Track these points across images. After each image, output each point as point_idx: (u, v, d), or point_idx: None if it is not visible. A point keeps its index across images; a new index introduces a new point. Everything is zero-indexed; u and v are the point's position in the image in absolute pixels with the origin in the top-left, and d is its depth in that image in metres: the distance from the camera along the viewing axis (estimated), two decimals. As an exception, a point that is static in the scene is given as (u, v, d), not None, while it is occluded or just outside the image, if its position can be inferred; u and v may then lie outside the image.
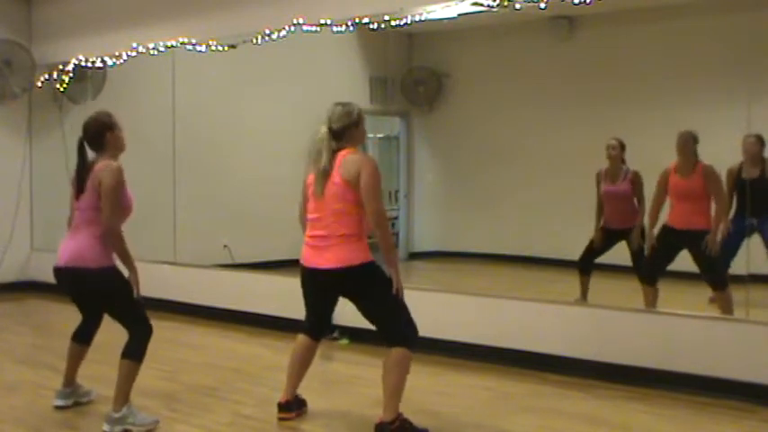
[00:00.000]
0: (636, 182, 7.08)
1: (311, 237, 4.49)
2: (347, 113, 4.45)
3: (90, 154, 4.64)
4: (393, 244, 4.56)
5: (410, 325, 4.47)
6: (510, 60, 10.25)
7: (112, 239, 4.48)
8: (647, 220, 6.76)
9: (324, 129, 4.43)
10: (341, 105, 4.47)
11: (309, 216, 4.51)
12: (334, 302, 4.67)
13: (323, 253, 4.41)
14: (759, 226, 6.73)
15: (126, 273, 4.60)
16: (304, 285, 4.62)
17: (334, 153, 4.41)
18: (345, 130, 4.43)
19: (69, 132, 9.24)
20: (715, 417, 4.85)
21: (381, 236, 4.36)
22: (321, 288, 4.55)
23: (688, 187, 6.35)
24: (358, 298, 4.49)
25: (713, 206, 6.37)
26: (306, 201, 4.59)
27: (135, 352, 4.53)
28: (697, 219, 6.33)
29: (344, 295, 4.54)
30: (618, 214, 7.16)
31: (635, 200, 7.09)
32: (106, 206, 4.45)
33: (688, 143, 6.36)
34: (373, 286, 4.44)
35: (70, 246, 4.56)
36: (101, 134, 4.60)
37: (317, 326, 4.73)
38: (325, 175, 4.39)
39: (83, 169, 4.58)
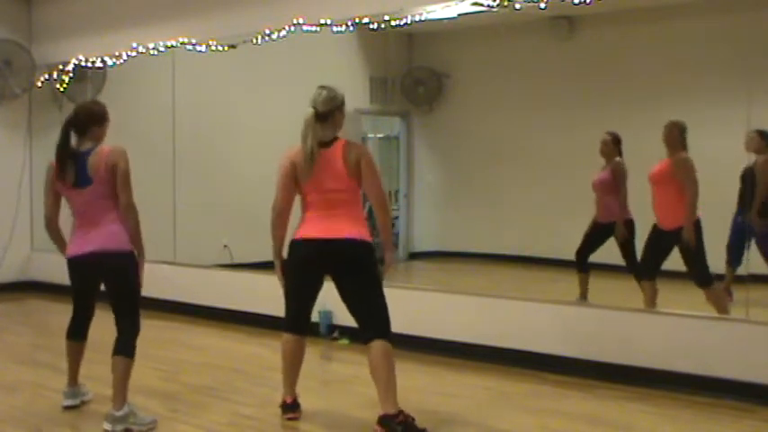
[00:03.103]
0: (615, 171, 7.06)
1: (319, 216, 4.52)
2: (332, 97, 4.58)
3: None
4: (390, 222, 4.70)
5: (389, 320, 4.52)
6: (510, 60, 10.24)
7: (133, 216, 4.57)
8: (641, 219, 6.76)
9: (310, 111, 4.52)
10: (326, 89, 4.59)
11: (310, 198, 4.55)
12: (319, 288, 4.67)
13: (335, 226, 4.47)
14: (744, 220, 6.73)
15: None
16: (300, 264, 4.59)
17: (322, 143, 4.49)
18: (330, 114, 4.54)
19: (69, 132, 9.24)
20: (715, 417, 4.85)
21: (385, 219, 4.56)
22: (320, 264, 4.55)
23: (656, 171, 6.32)
24: (356, 278, 4.50)
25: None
26: (286, 192, 4.63)
27: (128, 348, 4.56)
28: (673, 216, 6.23)
29: (343, 273, 4.52)
30: (602, 205, 7.18)
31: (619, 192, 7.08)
32: (125, 187, 4.55)
33: (668, 134, 6.30)
34: (373, 270, 4.51)
35: (101, 233, 4.57)
36: (90, 124, 4.67)
37: (300, 319, 4.71)
38: (312, 157, 4.46)
39: (66, 154, 4.60)
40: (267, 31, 7.23)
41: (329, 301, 4.86)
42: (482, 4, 6.01)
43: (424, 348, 6.19)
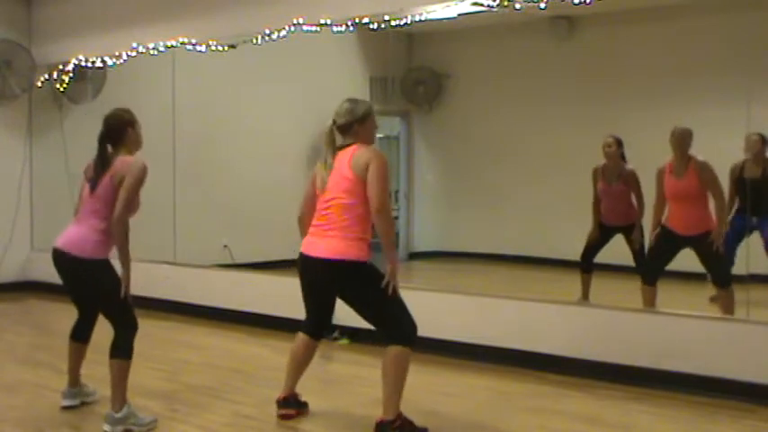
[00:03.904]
0: (631, 181, 7.06)
1: (314, 226, 4.50)
2: (350, 110, 4.50)
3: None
4: (394, 238, 4.49)
5: (409, 323, 4.45)
6: (510, 60, 10.25)
7: (118, 230, 4.47)
8: (646, 219, 6.76)
9: (329, 123, 4.51)
10: (348, 102, 4.53)
11: (318, 207, 4.50)
12: (330, 299, 4.63)
13: (321, 241, 4.42)
14: (759, 225, 6.72)
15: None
16: (300, 276, 4.60)
17: (338, 148, 4.46)
18: (349, 126, 4.48)
19: (69, 132, 9.25)
20: (714, 417, 4.85)
21: (383, 227, 4.34)
22: (315, 280, 4.52)
23: (683, 188, 6.23)
24: (351, 297, 4.48)
25: (710, 204, 6.31)
26: (309, 198, 4.62)
27: (123, 350, 4.54)
28: (698, 223, 6.23)
29: (338, 293, 4.53)
30: (614, 212, 7.15)
31: (632, 197, 7.08)
32: (122, 199, 4.46)
33: (684, 140, 6.28)
34: (367, 286, 4.40)
35: (72, 232, 4.60)
36: (122, 129, 4.62)
37: (317, 325, 4.71)
38: (328, 168, 4.43)
39: (102, 165, 4.57)
40: (267, 31, 7.23)
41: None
42: (482, 4, 6.01)
43: (424, 348, 6.15)
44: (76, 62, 8.93)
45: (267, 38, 7.25)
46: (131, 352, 4.57)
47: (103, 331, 4.90)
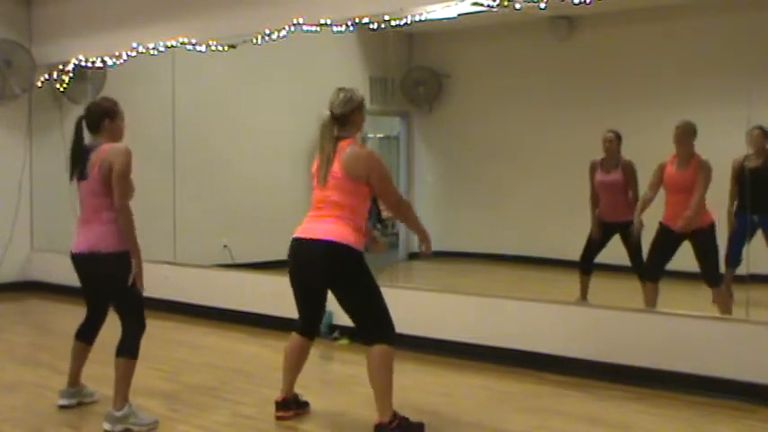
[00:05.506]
0: (628, 170, 7.09)
1: (309, 215, 4.50)
2: (349, 99, 4.48)
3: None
4: (414, 213, 4.66)
5: (388, 322, 4.42)
6: (510, 60, 10.25)
7: (124, 219, 4.49)
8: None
9: (326, 114, 4.46)
10: (343, 91, 4.50)
11: (316, 199, 4.49)
12: (319, 290, 4.59)
13: (317, 225, 4.40)
14: (761, 222, 6.72)
15: None
16: (291, 264, 4.54)
17: (336, 141, 4.44)
18: (348, 116, 4.47)
19: (69, 132, 9.21)
20: (714, 417, 4.85)
21: (403, 211, 4.57)
22: (307, 264, 4.45)
23: (682, 179, 6.33)
24: (341, 287, 4.44)
25: (706, 200, 6.34)
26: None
27: (129, 349, 4.55)
28: (695, 217, 6.28)
29: (329, 281, 4.47)
30: (612, 206, 7.16)
31: (629, 192, 7.09)
32: (118, 188, 4.48)
33: (686, 134, 6.35)
34: (354, 275, 4.39)
35: (87, 235, 4.58)
36: (99, 120, 4.64)
37: (309, 323, 4.69)
38: (328, 162, 4.41)
39: (77, 151, 4.61)
40: (267, 31, 7.23)
41: (329, 301, 4.85)
42: (482, 4, 6.01)
43: (424, 348, 6.19)
44: (76, 62, 8.93)
45: (267, 38, 7.25)
46: (137, 352, 4.58)
47: (107, 331, 4.91)
